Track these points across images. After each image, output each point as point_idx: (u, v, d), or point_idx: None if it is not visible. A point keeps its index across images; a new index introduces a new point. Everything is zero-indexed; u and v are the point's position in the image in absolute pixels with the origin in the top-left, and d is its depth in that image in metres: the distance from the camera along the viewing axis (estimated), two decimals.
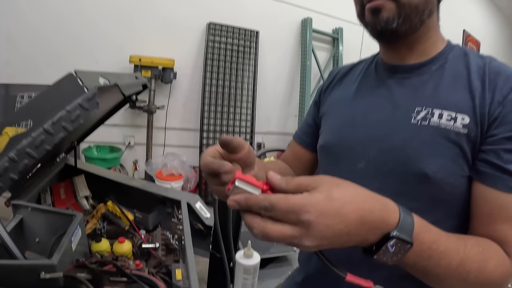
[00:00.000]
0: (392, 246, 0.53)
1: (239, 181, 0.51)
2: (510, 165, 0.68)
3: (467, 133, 0.72)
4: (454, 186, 0.75)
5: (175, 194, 1.85)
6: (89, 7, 4.09)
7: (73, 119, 0.84)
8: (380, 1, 0.77)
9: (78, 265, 1.18)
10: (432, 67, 0.82)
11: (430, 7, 0.80)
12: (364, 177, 0.79)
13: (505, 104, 0.70)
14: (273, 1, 5.07)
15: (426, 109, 0.77)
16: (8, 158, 0.75)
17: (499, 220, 0.69)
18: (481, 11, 8.72)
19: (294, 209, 0.46)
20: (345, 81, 1.03)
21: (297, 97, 5.34)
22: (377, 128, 0.84)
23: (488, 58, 0.79)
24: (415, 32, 0.81)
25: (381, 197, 0.55)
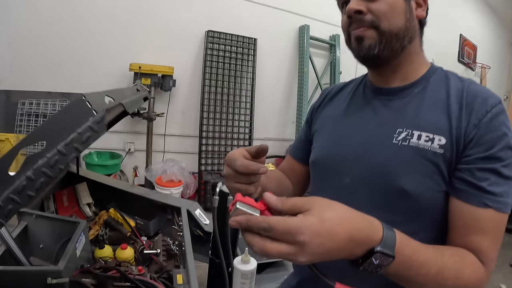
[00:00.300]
0: (376, 259, 0.59)
1: (240, 203, 0.57)
2: (483, 183, 0.75)
3: (443, 153, 0.78)
4: (431, 201, 0.81)
5: (175, 201, 1.89)
6: (89, 15, 4.15)
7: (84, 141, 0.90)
8: (361, 30, 0.85)
9: (83, 270, 1.23)
10: (414, 90, 0.89)
11: (410, 34, 0.87)
12: (349, 192, 0.88)
13: (480, 127, 0.76)
14: (270, 9, 5.13)
15: (407, 130, 0.83)
16: (25, 177, 0.80)
17: (474, 231, 0.76)
18: (477, 15, 8.75)
19: (290, 231, 0.53)
20: (335, 100, 1.09)
21: (295, 104, 5.37)
22: (363, 146, 0.90)
23: (468, 82, 0.86)
24: (397, 57, 0.88)
25: (367, 216, 0.62)
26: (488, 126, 0.76)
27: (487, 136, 0.76)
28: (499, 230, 0.77)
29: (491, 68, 9.19)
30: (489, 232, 0.75)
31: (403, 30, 0.85)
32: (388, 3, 0.83)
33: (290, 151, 1.22)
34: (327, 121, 1.06)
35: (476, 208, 0.75)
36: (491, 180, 0.75)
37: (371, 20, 0.84)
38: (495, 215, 0.75)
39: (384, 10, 0.83)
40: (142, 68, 4.13)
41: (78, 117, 0.92)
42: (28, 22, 3.91)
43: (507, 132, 0.76)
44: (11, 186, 0.80)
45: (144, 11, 4.40)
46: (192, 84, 4.83)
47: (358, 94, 1.02)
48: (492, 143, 0.75)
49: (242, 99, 5.05)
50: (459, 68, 8.47)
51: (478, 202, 0.75)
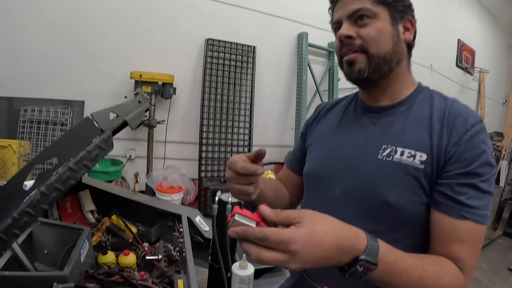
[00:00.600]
0: (360, 267, 0.65)
1: (238, 215, 0.64)
2: (462, 197, 0.80)
3: (424, 168, 0.84)
4: (413, 212, 0.87)
5: (176, 208, 1.93)
6: (91, 24, 4.21)
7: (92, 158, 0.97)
8: (353, 55, 0.92)
9: (87, 276, 1.27)
10: (400, 109, 0.95)
11: (398, 57, 0.94)
12: (339, 202, 0.96)
13: (460, 144, 0.82)
14: (269, 17, 5.20)
15: (391, 147, 0.90)
16: (39, 191, 0.86)
17: (453, 241, 0.81)
18: (475, 20, 8.80)
19: (283, 241, 0.59)
20: (328, 116, 1.16)
21: (294, 110, 5.42)
22: (351, 160, 0.96)
23: (451, 101, 0.91)
24: (385, 78, 0.95)
25: (353, 228, 0.68)
26: (468, 144, 0.82)
27: (466, 153, 0.81)
28: (477, 240, 0.82)
29: (490, 72, 9.24)
30: (467, 242, 0.80)
31: (391, 53, 0.91)
32: (376, 28, 0.90)
33: (287, 162, 1.29)
34: (320, 135, 1.13)
35: (455, 220, 0.81)
36: (470, 194, 0.80)
37: (360, 44, 0.90)
38: (473, 226, 0.80)
39: (373, 35, 0.89)
40: (143, 76, 4.18)
41: (87, 136, 0.98)
42: (31, 30, 3.97)
43: (486, 149, 0.82)
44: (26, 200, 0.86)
45: (144, 20, 4.46)
46: (192, 91, 4.88)
47: (349, 111, 1.09)
48: (471, 160, 0.81)
49: (241, 106, 5.09)
50: (458, 73, 8.52)
51: (457, 215, 0.80)
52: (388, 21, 0.91)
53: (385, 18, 0.91)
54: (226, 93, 4.95)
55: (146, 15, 4.46)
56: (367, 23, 0.90)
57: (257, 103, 5.20)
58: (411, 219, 0.88)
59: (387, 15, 0.91)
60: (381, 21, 0.90)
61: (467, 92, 8.96)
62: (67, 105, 4.12)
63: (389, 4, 0.91)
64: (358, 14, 0.90)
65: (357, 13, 0.90)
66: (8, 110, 4.00)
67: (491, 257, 4.22)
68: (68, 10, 4.08)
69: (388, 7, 0.91)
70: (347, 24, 0.92)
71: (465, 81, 8.86)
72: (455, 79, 8.44)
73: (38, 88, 4.09)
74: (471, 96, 9.18)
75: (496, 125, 10.22)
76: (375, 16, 0.90)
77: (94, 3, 4.19)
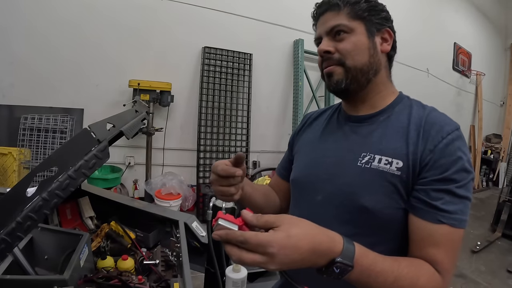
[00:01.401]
0: (337, 268, 0.70)
1: (221, 219, 0.69)
2: (437, 202, 0.84)
3: (400, 175, 0.88)
4: (391, 217, 0.91)
5: (174, 214, 1.95)
6: (90, 34, 4.26)
7: (90, 167, 1.03)
8: (331, 67, 0.98)
9: (86, 280, 1.31)
10: (380, 118, 1.00)
11: (375, 68, 0.99)
12: (321, 207, 1.00)
13: (435, 152, 0.86)
14: (265, 24, 5.26)
15: (370, 154, 0.94)
16: (41, 198, 0.92)
17: (429, 245, 0.84)
18: (471, 23, 8.82)
19: (261, 244, 0.64)
20: (314, 125, 1.21)
21: (291, 116, 5.46)
22: (333, 168, 1.01)
23: (428, 110, 0.96)
24: (363, 89, 1.00)
25: (329, 232, 0.73)
26: (443, 152, 0.85)
27: (441, 161, 0.85)
28: (454, 243, 0.85)
29: (486, 74, 9.25)
30: (443, 245, 0.84)
31: (367, 65, 0.97)
32: (353, 42, 0.96)
33: (277, 170, 1.35)
34: (305, 144, 1.18)
35: (431, 224, 0.84)
36: (445, 199, 0.84)
37: (338, 58, 0.96)
38: (449, 230, 0.83)
39: (349, 49, 0.95)
40: (141, 84, 4.22)
41: (85, 146, 1.05)
42: (30, 39, 4.03)
43: (462, 156, 0.85)
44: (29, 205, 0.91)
45: (142, 28, 4.52)
46: (189, 99, 4.93)
47: (333, 121, 1.14)
48: (447, 167, 0.84)
49: (238, 113, 5.13)
50: (454, 76, 8.55)
51: (433, 219, 0.84)
52: (364, 34, 0.97)
53: (361, 32, 0.97)
54: (223, 100, 5.00)
55: (143, 24, 4.52)
56: (343, 38, 0.96)
57: (254, 110, 5.24)
58: (390, 223, 0.91)
59: (363, 29, 0.97)
60: (357, 35, 0.96)
61: (465, 95, 9.00)
62: (66, 113, 4.17)
63: (365, 18, 0.97)
64: (335, 30, 0.96)
65: (334, 29, 0.97)
66: (8, 118, 4.04)
67: (490, 259, 4.24)
68: (68, 19, 4.14)
69: (364, 21, 0.97)
70: (326, 39, 0.98)
71: (462, 84, 8.90)
72: (452, 83, 8.49)
73: (38, 96, 4.13)
74: (468, 99, 9.22)
75: (494, 127, 10.26)
76: (351, 31, 0.96)
77: (92, 15, 4.25)
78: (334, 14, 0.97)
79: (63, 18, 4.12)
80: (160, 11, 4.59)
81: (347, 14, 0.96)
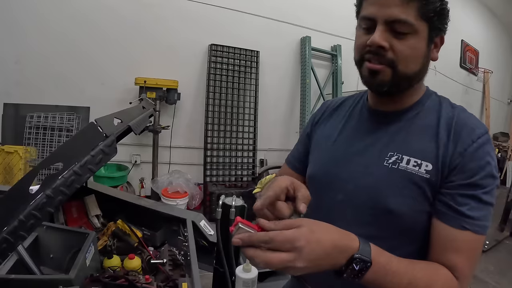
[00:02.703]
0: (356, 265, 0.69)
1: (241, 223, 0.67)
2: (463, 207, 0.81)
3: (429, 178, 0.84)
4: (415, 220, 0.87)
5: (181, 213, 1.93)
6: (96, 31, 4.25)
7: (97, 162, 0.98)
8: (380, 67, 0.86)
9: (92, 279, 1.28)
10: (409, 115, 0.94)
11: (421, 76, 0.92)
12: (341, 207, 0.96)
13: (465, 156, 0.82)
14: (272, 21, 5.22)
15: (397, 154, 0.89)
16: (45, 195, 0.88)
17: (451, 250, 0.82)
18: (479, 20, 8.76)
19: (289, 239, 0.64)
20: (334, 116, 1.13)
21: (298, 114, 5.42)
22: (355, 167, 0.96)
23: (458, 109, 0.91)
24: (401, 93, 0.93)
25: (344, 230, 0.73)
26: (472, 156, 0.82)
27: (470, 165, 0.81)
28: (475, 250, 0.83)
29: (494, 72, 9.18)
30: (464, 251, 0.81)
31: (417, 73, 0.89)
32: (413, 47, 0.84)
33: (288, 162, 1.27)
34: (325, 137, 1.11)
35: (455, 230, 0.81)
36: (471, 205, 0.80)
37: (390, 59, 0.84)
38: (472, 236, 0.80)
39: (407, 54, 0.84)
40: (147, 82, 4.21)
41: (91, 141, 1.00)
42: (36, 37, 4.02)
43: (491, 161, 0.82)
44: (33, 203, 0.87)
45: (148, 26, 4.50)
46: (196, 97, 4.91)
47: (356, 114, 1.07)
48: (475, 172, 0.81)
49: (245, 111, 5.12)
50: (462, 74, 8.48)
51: (457, 225, 0.81)
52: (425, 40, 0.85)
53: (423, 36, 0.84)
54: (230, 98, 4.98)
55: (150, 22, 4.50)
56: (404, 38, 0.83)
57: (261, 108, 5.22)
58: (413, 227, 0.88)
59: (426, 33, 0.85)
60: (419, 39, 0.84)
61: (472, 93, 8.92)
62: (72, 111, 4.15)
63: (431, 20, 0.84)
64: (398, 24, 0.82)
65: (398, 23, 0.82)
66: (14, 116, 4.03)
67: (498, 259, 4.20)
68: (74, 17, 4.12)
69: (429, 24, 0.84)
70: (383, 30, 0.83)
71: (470, 82, 8.82)
72: (459, 80, 8.41)
73: (44, 94, 4.12)
74: (475, 97, 9.13)
75: (501, 126, 10.17)
76: (415, 32, 0.83)
77: (97, 12, 4.23)
78: (403, 3, 0.80)
79: (69, 16, 4.10)
80: (166, 9, 4.57)
81: (417, 10, 0.81)
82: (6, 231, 0.82)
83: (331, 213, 0.93)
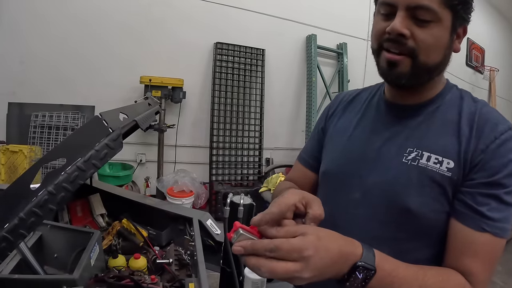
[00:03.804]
0: (360, 273, 0.64)
1: (242, 229, 0.62)
2: (483, 208, 0.76)
3: (451, 176, 0.79)
4: (435, 220, 0.82)
5: (187, 211, 1.91)
6: (101, 30, 4.24)
7: (101, 157, 0.95)
8: (399, 57, 0.81)
9: (97, 279, 1.25)
10: (429, 109, 0.89)
11: (442, 68, 0.87)
12: (357, 206, 0.91)
13: (487, 153, 0.77)
14: (277, 19, 5.19)
15: (417, 150, 0.84)
16: (47, 191, 0.85)
17: (467, 254, 0.77)
18: (485, 18, 8.67)
19: (295, 248, 0.59)
20: (349, 110, 1.08)
21: (304, 113, 5.39)
22: (373, 164, 0.91)
23: (481, 104, 0.86)
24: (421, 85, 0.88)
25: (347, 237, 0.68)
26: (495, 153, 0.77)
27: (492, 162, 0.77)
28: (493, 254, 0.77)
29: (500, 70, 9.10)
30: (482, 255, 0.76)
31: (438, 65, 0.84)
32: (436, 35, 0.79)
33: (302, 159, 1.19)
34: (339, 131, 1.05)
35: (473, 232, 0.76)
36: (492, 206, 0.76)
37: (411, 47, 0.79)
38: (491, 239, 0.76)
39: (429, 43, 0.79)
40: (153, 80, 4.19)
41: (96, 135, 0.97)
42: (40, 36, 4.01)
43: None
44: (34, 200, 0.84)
45: (153, 24, 4.48)
46: (202, 95, 4.89)
47: (372, 107, 1.01)
48: (497, 170, 0.76)
49: (251, 110, 5.09)
50: (468, 72, 8.42)
51: (476, 226, 0.76)
52: (448, 29, 0.80)
53: (446, 25, 0.80)
54: (236, 96, 4.96)
55: (155, 20, 4.47)
56: (427, 26, 0.78)
57: (267, 106, 5.19)
58: (432, 228, 0.83)
59: (449, 21, 0.80)
60: (442, 27, 0.79)
61: (478, 92, 8.81)
62: (77, 110, 4.15)
63: (455, 8, 0.79)
64: (421, 10, 0.77)
65: (420, 9, 0.77)
66: (19, 115, 4.03)
67: (506, 259, 4.12)
68: (78, 16, 4.11)
69: (453, 12, 0.79)
70: (403, 17, 0.78)
71: (476, 80, 8.73)
72: (465, 79, 8.32)
73: (49, 94, 4.12)
74: (482, 95, 9.00)
75: None
76: (439, 20, 0.78)
77: (102, 12, 4.22)
78: None
79: (74, 16, 4.09)
80: (171, 7, 4.55)
81: None
82: (6, 229, 0.79)
83: (345, 213, 0.89)
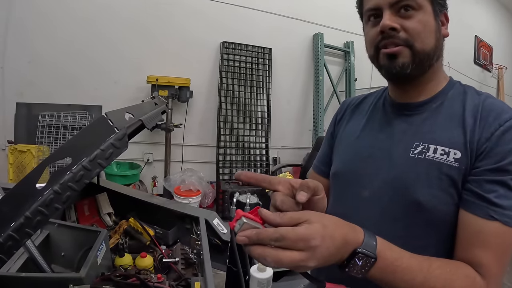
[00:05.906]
0: (359, 260, 0.63)
1: (245, 218, 0.60)
2: (490, 195, 0.74)
3: (459, 166, 0.79)
4: (446, 213, 0.81)
5: (194, 211, 1.90)
6: (108, 30, 4.27)
7: (107, 157, 0.95)
8: (398, 48, 0.84)
9: (103, 278, 1.26)
10: (433, 105, 0.90)
11: (438, 53, 0.88)
12: (367, 204, 0.91)
13: (492, 140, 0.77)
14: (284, 18, 5.18)
15: (423, 144, 0.84)
16: (53, 190, 0.85)
17: (477, 244, 0.75)
18: (492, 15, 8.58)
19: (302, 238, 0.57)
20: (356, 114, 1.10)
21: (311, 112, 5.38)
22: (381, 161, 0.91)
23: (484, 96, 0.86)
24: (423, 75, 0.89)
25: (350, 223, 0.67)
26: (499, 139, 0.76)
27: (497, 149, 0.76)
28: (504, 244, 0.75)
29: (509, 68, 8.99)
30: (493, 246, 0.74)
31: (434, 49, 0.86)
32: (422, 22, 0.83)
33: (315, 167, 1.21)
34: (347, 135, 1.08)
35: (481, 220, 0.75)
36: (499, 192, 0.74)
37: (405, 38, 0.83)
38: (501, 228, 0.74)
39: (419, 29, 0.83)
40: (159, 80, 4.21)
41: (101, 135, 0.97)
42: (48, 38, 4.04)
43: None
44: (40, 199, 0.84)
45: (160, 24, 4.50)
46: (208, 94, 4.89)
47: (378, 109, 1.03)
48: (503, 156, 0.75)
49: (258, 109, 5.09)
50: (476, 70, 8.33)
51: (483, 213, 0.75)
52: (431, 14, 0.85)
53: (428, 11, 0.84)
54: (243, 96, 4.96)
55: (161, 20, 4.50)
56: (412, 15, 0.83)
57: (274, 105, 5.18)
58: (444, 221, 0.82)
59: (430, 8, 0.84)
60: (426, 14, 0.84)
61: (486, 90, 8.53)
62: (85, 110, 4.18)
63: None
64: (402, 3, 0.83)
65: (401, 2, 0.82)
66: (27, 115, 4.07)
67: None
68: (86, 16, 4.14)
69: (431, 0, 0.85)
70: (390, 13, 0.84)
71: (484, 78, 8.63)
72: (473, 77, 8.22)
73: (57, 94, 4.16)
74: (490, 93, 8.92)
75: None
76: (420, 8, 0.83)
77: (109, 11, 4.25)
78: None
79: (81, 16, 4.12)
80: (178, 6, 4.56)
81: None
82: (12, 228, 0.79)
83: (356, 212, 0.88)
